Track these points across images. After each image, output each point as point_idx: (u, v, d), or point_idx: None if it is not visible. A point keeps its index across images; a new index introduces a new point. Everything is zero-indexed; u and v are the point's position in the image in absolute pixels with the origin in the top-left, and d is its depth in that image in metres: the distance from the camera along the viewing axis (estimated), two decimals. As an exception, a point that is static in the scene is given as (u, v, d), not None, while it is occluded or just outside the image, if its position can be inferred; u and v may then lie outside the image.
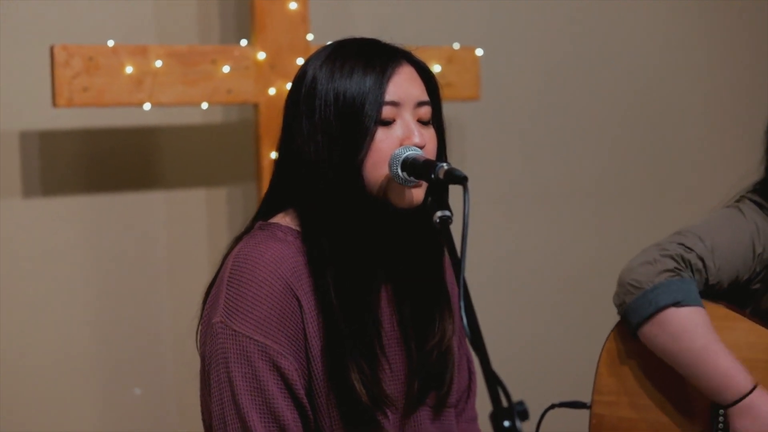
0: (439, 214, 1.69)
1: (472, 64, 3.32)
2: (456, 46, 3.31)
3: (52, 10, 3.00)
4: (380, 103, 1.80)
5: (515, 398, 1.43)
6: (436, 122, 1.90)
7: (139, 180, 3.15)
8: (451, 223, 1.70)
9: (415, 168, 1.76)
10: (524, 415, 1.41)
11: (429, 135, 1.85)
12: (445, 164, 1.73)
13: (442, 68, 3.26)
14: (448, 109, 3.48)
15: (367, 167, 1.80)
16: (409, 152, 1.78)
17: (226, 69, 2.97)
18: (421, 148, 1.81)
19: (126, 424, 3.12)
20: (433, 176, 1.73)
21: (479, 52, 3.34)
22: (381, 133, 1.80)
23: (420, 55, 3.15)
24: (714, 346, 2.12)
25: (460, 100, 3.36)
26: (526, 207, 3.75)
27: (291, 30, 3.04)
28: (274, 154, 2.63)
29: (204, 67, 2.95)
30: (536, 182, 3.77)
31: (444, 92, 3.22)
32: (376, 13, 3.44)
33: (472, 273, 3.55)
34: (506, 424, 1.40)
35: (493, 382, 1.45)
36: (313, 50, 1.97)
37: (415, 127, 1.82)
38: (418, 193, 1.80)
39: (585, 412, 2.26)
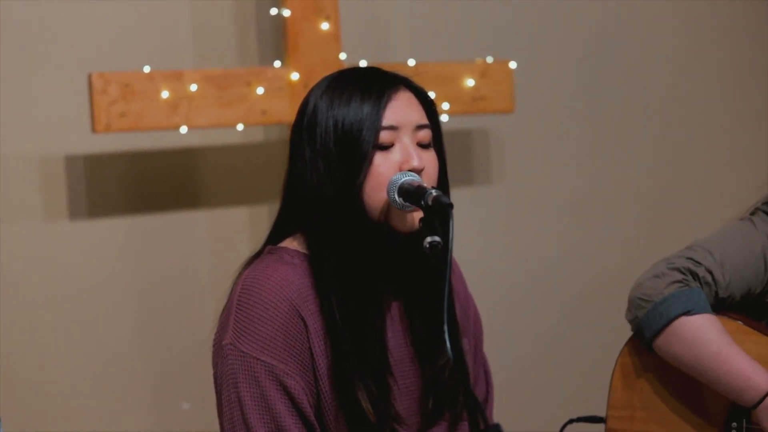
0: (428, 239, 1.74)
1: (506, 77, 3.35)
2: (489, 59, 3.34)
3: (94, 36, 3.09)
4: (377, 128, 1.85)
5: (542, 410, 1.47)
6: (437, 145, 1.94)
7: (183, 200, 3.24)
8: (440, 248, 1.74)
9: (409, 194, 1.81)
10: (500, 437, 1.45)
11: (429, 158, 1.90)
12: (434, 191, 1.78)
13: (476, 82, 3.29)
14: (486, 121, 3.57)
15: (366, 191, 1.85)
16: (405, 178, 1.83)
17: (260, 90, 3.04)
18: (421, 170, 1.86)
19: (173, 438, 3.22)
20: (423, 202, 1.77)
21: (513, 64, 3.37)
22: (379, 158, 1.85)
23: (453, 69, 3.25)
24: (728, 349, 2.13)
25: (495, 113, 3.39)
26: (563, 216, 3.77)
27: (323, 49, 3.10)
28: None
29: (238, 89, 3.02)
30: (574, 190, 3.79)
31: (478, 105, 3.31)
32: (408, 29, 3.48)
33: (507, 280, 3.62)
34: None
35: (472, 404, 1.49)
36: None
37: (414, 151, 1.87)
38: (417, 218, 1.84)
39: (602, 427, 2.28)
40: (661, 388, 2.23)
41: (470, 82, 3.29)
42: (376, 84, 1.88)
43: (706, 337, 2.14)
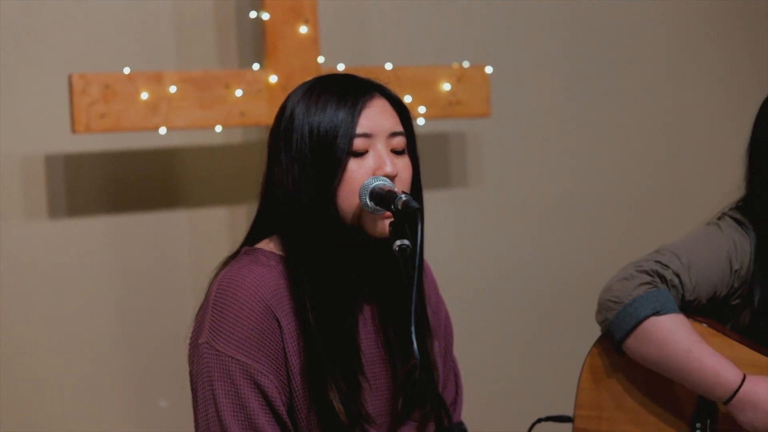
0: (398, 243, 1.78)
1: (482, 82, 3.39)
2: (466, 64, 3.39)
3: (75, 37, 3.11)
4: (351, 135, 1.88)
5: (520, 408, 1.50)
6: (411, 152, 1.98)
7: (163, 200, 3.26)
8: (408, 251, 1.78)
9: (380, 198, 1.85)
10: (464, 434, 1.50)
11: (403, 164, 1.93)
12: (403, 195, 1.81)
13: (453, 86, 3.34)
14: (463, 125, 3.61)
15: (340, 197, 1.89)
16: (377, 182, 1.87)
17: (239, 93, 3.07)
18: (394, 177, 1.90)
19: (152, 436, 3.25)
20: (393, 207, 1.82)
21: (489, 69, 3.41)
22: (353, 164, 1.89)
23: (430, 74, 3.29)
24: (698, 347, 2.18)
25: (471, 117, 3.43)
26: (539, 218, 3.81)
27: (302, 53, 3.14)
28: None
29: (217, 91, 3.06)
30: (550, 193, 3.83)
31: (455, 110, 3.36)
32: (386, 34, 3.52)
33: (482, 281, 3.65)
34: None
35: (437, 403, 1.53)
36: (324, 73, 2.07)
37: (388, 157, 1.90)
38: (388, 223, 1.88)
39: (570, 426, 2.32)
40: (629, 389, 2.28)
41: (447, 87, 3.33)
42: (351, 91, 1.92)
43: (676, 336, 2.19)
